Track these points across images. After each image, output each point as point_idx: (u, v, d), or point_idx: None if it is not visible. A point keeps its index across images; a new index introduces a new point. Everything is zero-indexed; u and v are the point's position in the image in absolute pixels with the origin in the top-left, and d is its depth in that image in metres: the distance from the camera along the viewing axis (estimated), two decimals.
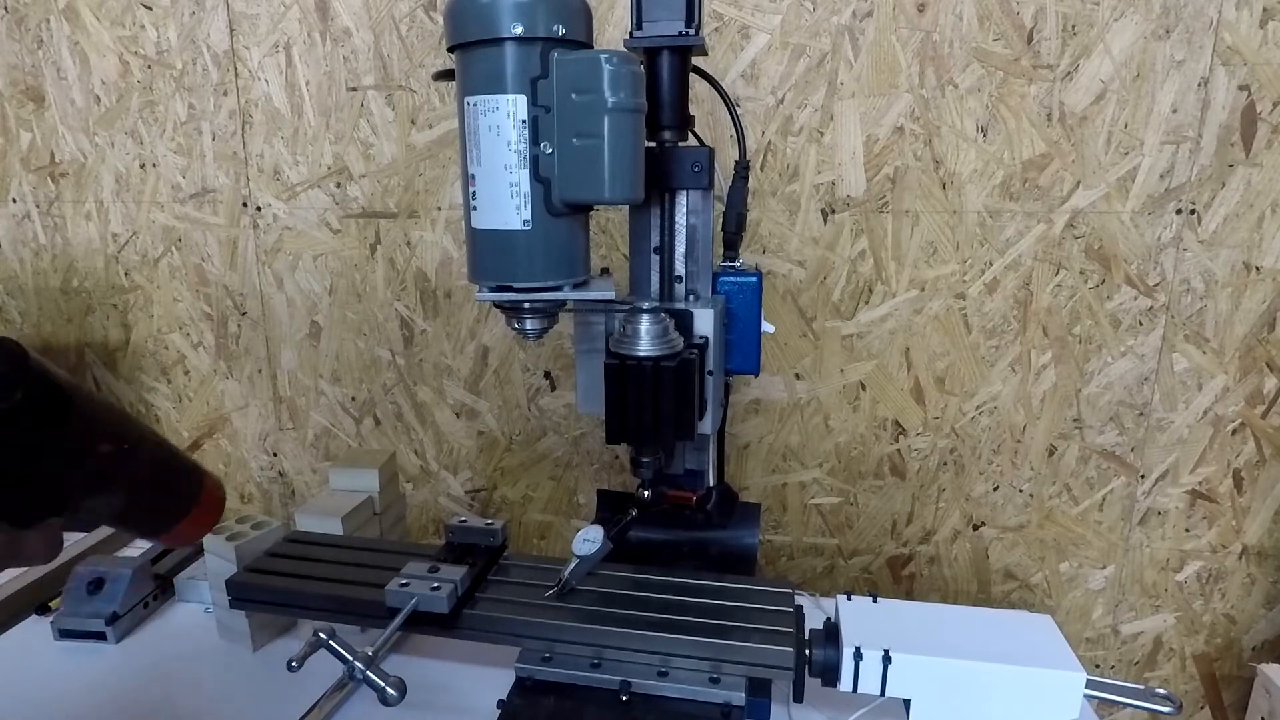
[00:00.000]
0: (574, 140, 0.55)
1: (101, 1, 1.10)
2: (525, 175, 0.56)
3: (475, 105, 0.56)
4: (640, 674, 0.62)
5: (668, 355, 0.62)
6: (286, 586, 0.69)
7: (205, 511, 0.47)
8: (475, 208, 0.59)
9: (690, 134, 0.70)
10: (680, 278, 0.72)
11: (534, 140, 0.56)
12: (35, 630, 0.83)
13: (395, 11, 1.03)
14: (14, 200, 1.21)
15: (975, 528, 1.08)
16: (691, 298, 0.72)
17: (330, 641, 0.60)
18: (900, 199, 0.98)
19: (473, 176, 0.58)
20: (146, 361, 1.25)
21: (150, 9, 1.10)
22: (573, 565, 0.66)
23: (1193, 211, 0.93)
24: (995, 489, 1.06)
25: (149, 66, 1.12)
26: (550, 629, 0.64)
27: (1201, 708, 1.10)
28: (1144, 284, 0.97)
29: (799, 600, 0.66)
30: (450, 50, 0.57)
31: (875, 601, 0.65)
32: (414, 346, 1.15)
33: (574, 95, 0.54)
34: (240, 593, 0.70)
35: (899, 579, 1.12)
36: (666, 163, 0.67)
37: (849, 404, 1.06)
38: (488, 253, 0.60)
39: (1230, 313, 0.96)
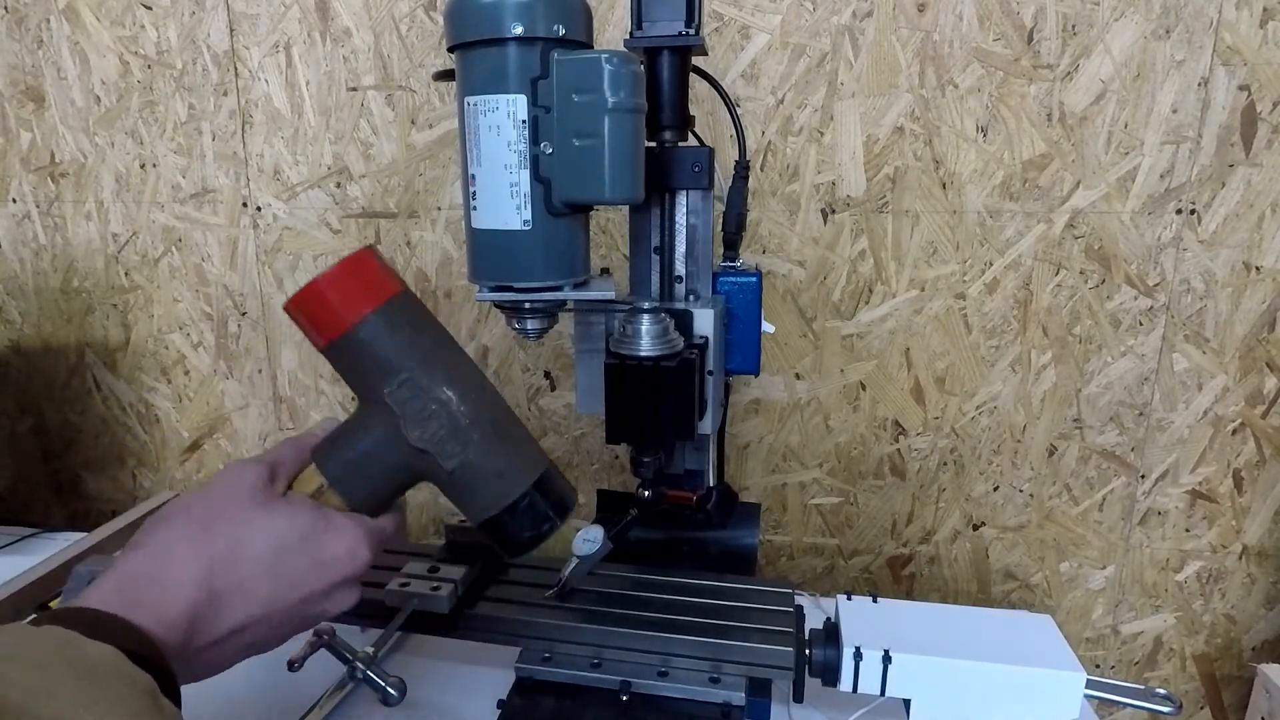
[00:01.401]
0: (574, 140, 0.55)
1: (101, 1, 1.10)
2: (525, 175, 0.56)
3: (475, 105, 0.56)
4: (640, 674, 0.62)
5: (668, 355, 0.62)
6: None
7: None
8: (475, 208, 0.59)
9: (690, 134, 0.70)
10: (680, 278, 0.72)
11: (534, 140, 0.56)
12: None
13: (395, 11, 1.03)
14: (14, 200, 1.21)
15: (975, 528, 1.08)
16: (691, 298, 0.72)
17: (330, 641, 0.60)
18: (900, 199, 0.98)
19: (473, 176, 0.58)
20: (146, 361, 1.25)
21: (150, 9, 1.10)
22: (573, 565, 0.66)
23: (1193, 211, 0.93)
24: (995, 489, 1.06)
25: (149, 66, 1.12)
26: (550, 629, 0.64)
27: (1201, 708, 1.10)
28: (1144, 284, 0.97)
29: (799, 600, 0.66)
30: (450, 50, 0.57)
31: (875, 601, 0.65)
32: None
33: (574, 95, 0.54)
34: None
35: (899, 579, 1.12)
36: (666, 163, 0.67)
37: (849, 404, 1.06)
38: (488, 253, 0.60)
39: (1230, 313, 0.96)
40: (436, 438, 0.45)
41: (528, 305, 0.62)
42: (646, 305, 0.62)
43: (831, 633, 0.61)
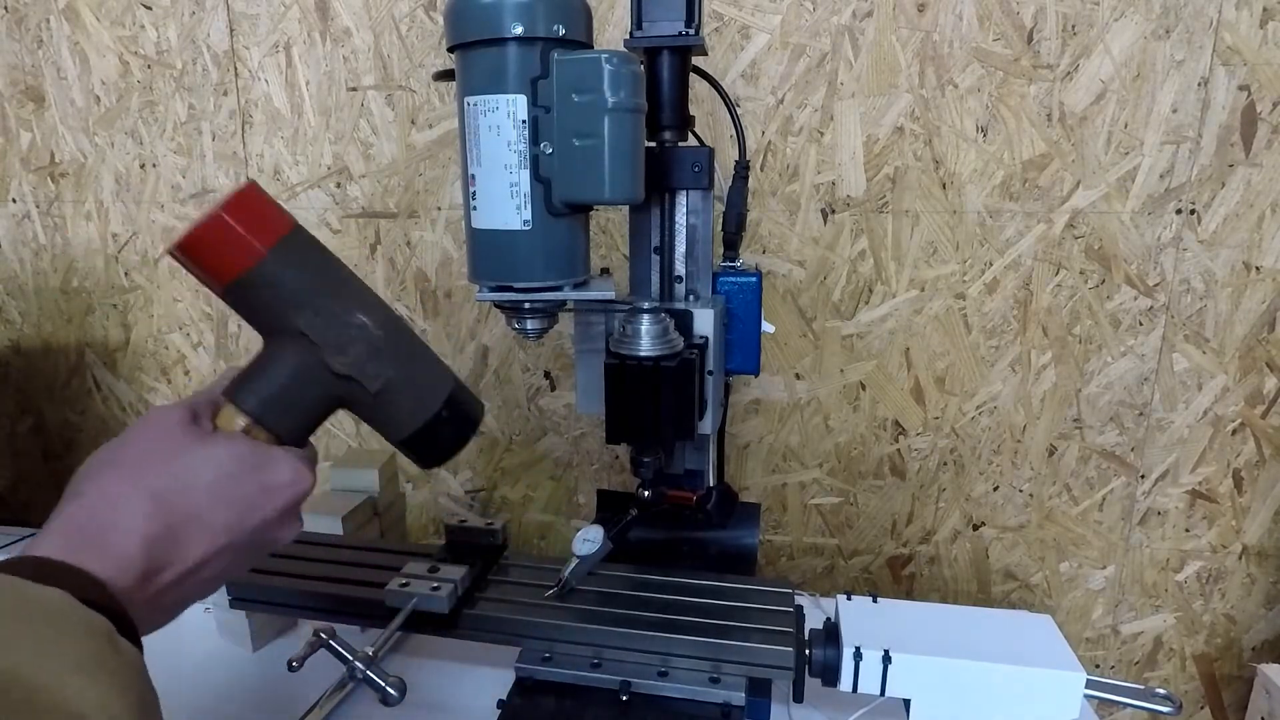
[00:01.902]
0: (574, 140, 0.55)
1: (101, 1, 1.10)
2: (525, 175, 0.56)
3: (475, 105, 0.56)
4: (640, 674, 0.62)
5: (668, 355, 0.62)
6: (286, 586, 0.69)
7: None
8: (475, 208, 0.59)
9: (690, 134, 0.70)
10: (680, 278, 0.72)
11: (534, 140, 0.56)
12: None
13: (395, 11, 1.03)
14: (14, 200, 1.21)
15: (975, 528, 1.08)
16: (691, 298, 0.72)
17: (330, 641, 0.60)
18: (900, 199, 0.98)
19: (473, 176, 0.58)
20: (146, 361, 1.25)
21: (150, 9, 1.10)
22: (573, 565, 0.66)
23: (1193, 211, 0.93)
24: (995, 489, 1.06)
25: (149, 66, 1.12)
26: (550, 629, 0.64)
27: (1201, 708, 1.10)
28: (1144, 284, 0.97)
29: (799, 600, 0.66)
30: (450, 50, 0.57)
31: (875, 601, 0.65)
32: None
33: (574, 95, 0.54)
34: (240, 593, 0.70)
35: (899, 579, 1.12)
36: (666, 163, 0.68)
37: (849, 404, 1.06)
38: (488, 253, 0.60)
39: (1230, 313, 0.96)
40: (359, 362, 0.46)
41: (528, 305, 0.62)
42: (646, 305, 0.62)
43: (831, 633, 0.61)
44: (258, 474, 0.42)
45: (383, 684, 0.58)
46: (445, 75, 0.60)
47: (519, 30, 0.53)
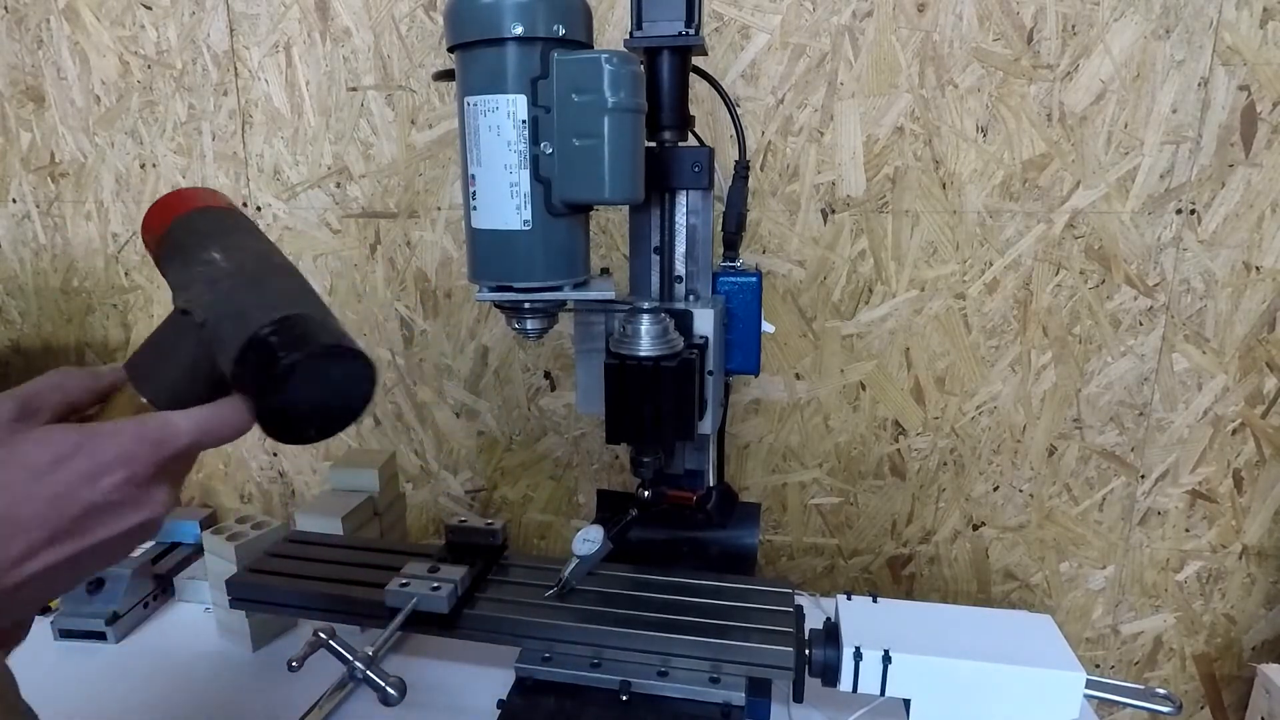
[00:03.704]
0: (574, 140, 0.55)
1: (101, 1, 1.10)
2: (525, 175, 0.56)
3: (475, 105, 0.56)
4: (640, 674, 0.62)
5: (668, 355, 0.62)
6: (286, 586, 0.69)
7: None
8: (475, 208, 0.59)
9: (690, 134, 0.70)
10: (680, 278, 0.72)
11: (534, 140, 0.56)
12: (35, 630, 0.82)
13: (395, 11, 1.03)
14: (14, 200, 1.21)
15: (975, 528, 1.08)
16: (691, 298, 0.72)
17: (330, 641, 0.60)
18: (900, 199, 0.98)
19: (473, 176, 0.58)
20: None
21: (150, 9, 1.10)
22: (573, 565, 0.66)
23: (1193, 211, 0.93)
24: (995, 489, 1.06)
25: (149, 66, 1.12)
26: (550, 629, 0.64)
27: (1201, 708, 1.10)
28: (1144, 284, 0.97)
29: (799, 600, 0.66)
30: (450, 50, 0.57)
31: (875, 601, 0.65)
32: (414, 346, 1.15)
33: (574, 95, 0.54)
34: (240, 593, 0.70)
35: (899, 579, 1.12)
36: (666, 163, 0.68)
37: (849, 404, 1.06)
38: (488, 253, 0.60)
39: (1230, 313, 0.96)
40: (195, 295, 0.43)
41: (528, 305, 0.62)
42: (646, 305, 0.62)
43: (831, 633, 0.61)
44: (74, 462, 0.40)
45: (383, 684, 0.58)
46: (445, 75, 0.60)
47: (519, 30, 0.53)
